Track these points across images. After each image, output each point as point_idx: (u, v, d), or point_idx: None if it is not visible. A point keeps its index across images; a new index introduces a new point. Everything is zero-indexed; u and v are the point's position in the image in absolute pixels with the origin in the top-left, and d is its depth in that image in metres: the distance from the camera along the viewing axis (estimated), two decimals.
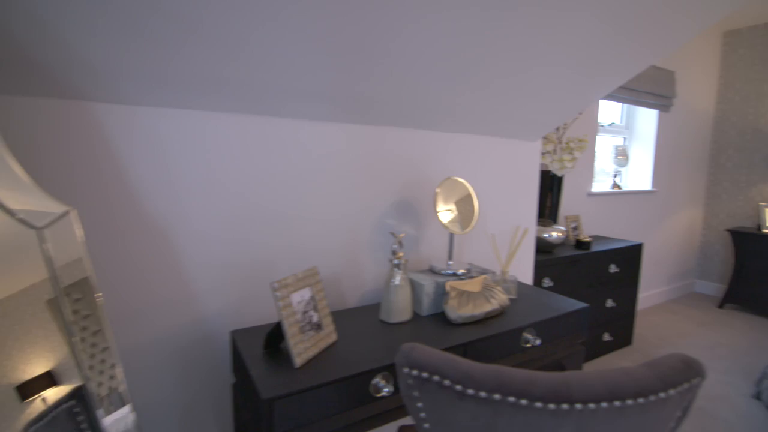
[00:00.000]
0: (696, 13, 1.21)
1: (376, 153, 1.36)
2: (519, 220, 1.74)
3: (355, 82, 1.11)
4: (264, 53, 0.94)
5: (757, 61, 3.74)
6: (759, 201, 3.78)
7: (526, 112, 1.50)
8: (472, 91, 1.29)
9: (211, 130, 1.11)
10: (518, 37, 1.11)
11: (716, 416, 2.07)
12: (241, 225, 1.18)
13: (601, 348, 2.69)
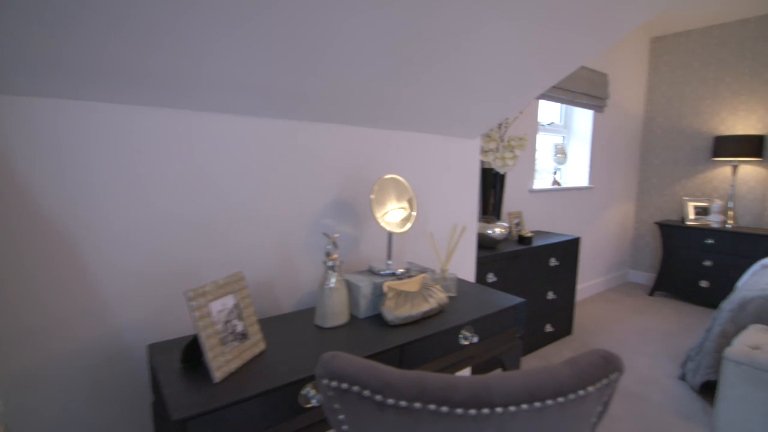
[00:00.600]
0: (622, 15, 1.26)
1: (311, 150, 1.30)
2: (460, 218, 1.75)
3: (288, 75, 1.04)
4: (189, 41, 0.85)
5: (680, 66, 4.04)
6: (683, 195, 4.09)
7: (464, 110, 1.50)
8: (411, 88, 1.26)
9: (124, 125, 1.00)
10: (453, 36, 1.09)
11: (647, 398, 2.20)
12: (160, 229, 1.08)
13: (543, 339, 2.79)
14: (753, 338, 1.90)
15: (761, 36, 3.53)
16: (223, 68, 0.96)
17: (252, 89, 1.06)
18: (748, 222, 3.70)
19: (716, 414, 1.91)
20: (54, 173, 0.93)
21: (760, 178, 3.61)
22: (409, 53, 1.11)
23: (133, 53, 0.85)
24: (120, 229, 1.02)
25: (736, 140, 3.45)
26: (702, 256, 3.62)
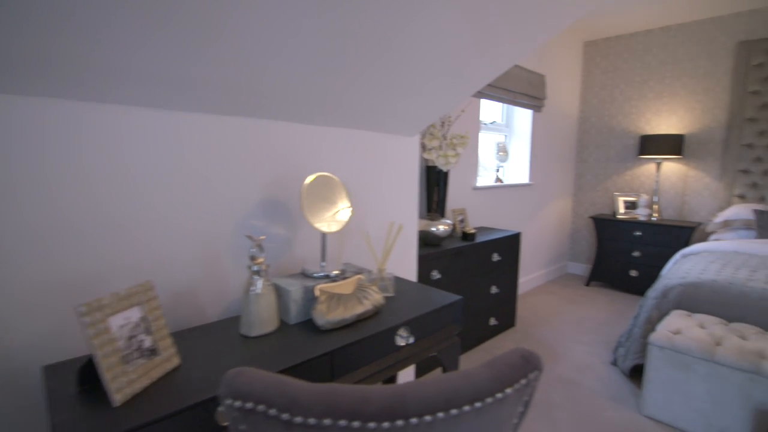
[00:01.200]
0: (549, 16, 1.28)
1: (236, 147, 1.22)
2: (400, 216, 1.72)
3: (204, 65, 0.96)
4: (87, 25, 0.75)
5: (610, 69, 4.29)
6: (614, 191, 4.36)
7: (401, 107, 1.48)
8: (344, 83, 1.21)
9: (15, 117, 0.87)
10: (386, 32, 1.05)
11: (582, 385, 2.31)
12: (59, 236, 0.95)
13: (488, 332, 2.86)
14: (674, 323, 2.04)
15: (680, 42, 3.82)
16: (124, 55, 0.86)
17: (161, 79, 0.97)
18: (671, 215, 4.01)
19: (643, 396, 2.03)
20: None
21: (681, 174, 3.92)
22: (341, 48, 1.06)
23: (29, 41, 0.74)
24: (10, 233, 0.89)
25: (660, 139, 3.72)
26: (631, 247, 3.88)
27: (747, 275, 2.23)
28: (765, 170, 3.41)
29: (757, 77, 3.40)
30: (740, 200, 3.55)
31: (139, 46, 0.85)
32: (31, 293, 0.94)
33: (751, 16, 3.45)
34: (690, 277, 2.27)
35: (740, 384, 1.72)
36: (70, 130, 0.96)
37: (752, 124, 3.45)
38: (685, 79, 3.82)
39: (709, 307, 2.16)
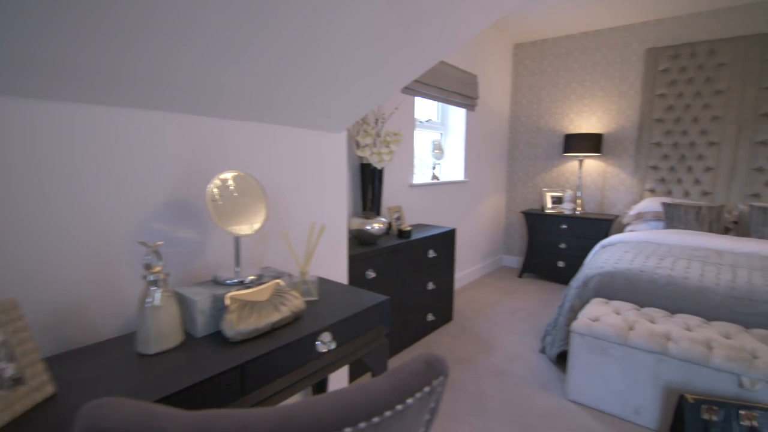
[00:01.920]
0: (471, 14, 1.28)
1: (132, 142, 1.09)
2: (327, 215, 1.66)
3: (94, 48, 0.83)
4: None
5: (537, 72, 4.51)
6: (542, 187, 4.59)
7: (324, 102, 1.42)
8: (259, 75, 1.13)
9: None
10: (305, 23, 0.99)
11: (513, 374, 2.39)
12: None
13: (425, 328, 2.88)
14: (593, 311, 2.17)
15: (597, 48, 4.10)
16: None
17: (34, 64, 0.83)
18: (593, 208, 4.30)
19: (567, 381, 2.14)
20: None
21: (600, 170, 4.21)
22: (257, 39, 0.98)
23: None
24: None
25: (581, 138, 3.97)
26: (558, 240, 4.11)
27: (656, 263, 2.43)
28: (671, 167, 3.76)
29: (664, 81, 3.73)
30: (651, 194, 3.88)
31: (21, 31, 0.72)
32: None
33: (657, 25, 3.77)
34: (607, 267, 2.43)
35: (650, 365, 1.86)
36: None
37: (660, 125, 3.78)
38: (602, 82, 4.11)
39: (625, 294, 2.32)
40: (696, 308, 2.10)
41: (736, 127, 3.43)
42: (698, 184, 3.63)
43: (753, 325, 1.97)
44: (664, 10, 3.57)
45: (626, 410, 1.94)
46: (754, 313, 1.97)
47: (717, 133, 3.52)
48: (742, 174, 3.43)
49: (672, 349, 1.79)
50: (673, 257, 2.54)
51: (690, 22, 3.62)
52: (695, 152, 3.62)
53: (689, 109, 3.62)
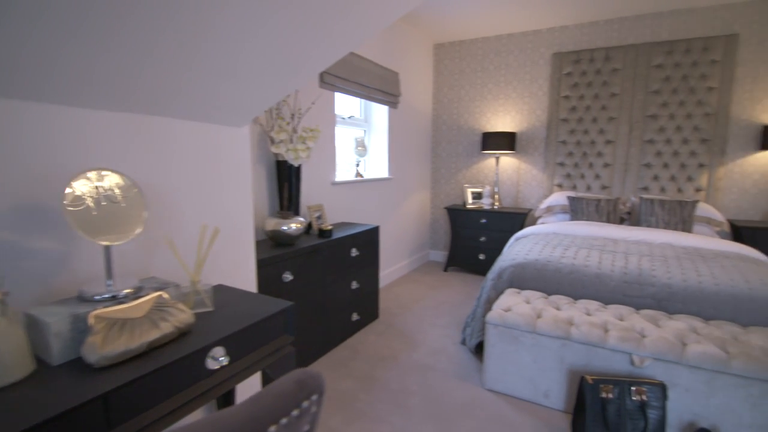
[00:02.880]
0: (377, 5, 1.24)
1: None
2: (229, 217, 1.53)
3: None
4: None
5: (456, 71, 4.65)
6: (464, 183, 4.76)
7: (221, 94, 1.29)
8: (126, 56, 0.98)
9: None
10: (196, 6, 0.86)
11: (436, 368, 2.42)
12: None
13: (351, 328, 2.83)
14: (506, 301, 2.25)
15: (510, 51, 4.31)
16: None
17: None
18: (509, 203, 4.53)
19: (484, 371, 2.20)
20: None
21: (514, 167, 4.45)
22: (135, 19, 0.84)
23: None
24: None
25: (497, 136, 4.16)
26: (479, 234, 4.28)
27: (561, 253, 2.59)
28: (575, 163, 4.07)
29: (568, 84, 4.02)
30: (559, 188, 4.18)
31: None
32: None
33: (561, 32, 4.06)
34: (519, 259, 2.55)
35: (556, 349, 1.97)
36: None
37: (565, 124, 4.08)
38: (515, 84, 4.34)
39: (534, 283, 2.45)
40: (595, 293, 2.27)
41: (628, 127, 3.80)
42: (598, 178, 3.97)
43: (642, 306, 2.17)
44: (567, 18, 3.84)
45: (537, 394, 2.04)
46: (643, 296, 2.17)
47: (613, 133, 3.87)
48: (634, 169, 3.82)
49: (574, 334, 1.91)
50: (576, 247, 2.74)
51: (589, 30, 3.93)
52: (595, 150, 3.96)
53: (589, 110, 3.94)
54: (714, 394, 1.68)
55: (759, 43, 3.36)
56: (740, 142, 3.50)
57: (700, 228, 3.29)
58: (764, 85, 3.38)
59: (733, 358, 1.65)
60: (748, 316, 1.96)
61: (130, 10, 0.85)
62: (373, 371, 2.38)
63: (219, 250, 1.49)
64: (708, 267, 2.31)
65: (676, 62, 3.56)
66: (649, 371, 1.79)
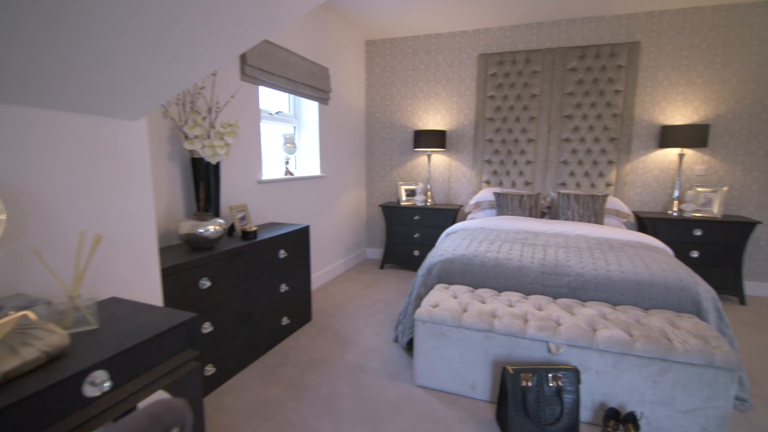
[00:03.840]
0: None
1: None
2: (123, 222, 1.37)
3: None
4: None
5: (388, 69, 4.65)
6: (398, 181, 4.78)
7: (101, 81, 1.14)
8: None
9: None
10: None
11: (368, 368, 2.39)
12: None
13: (281, 332, 2.71)
14: (435, 297, 2.27)
15: (439, 50, 4.39)
16: None
17: None
18: (441, 199, 4.63)
19: (414, 368, 2.20)
20: None
21: (446, 164, 4.56)
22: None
23: None
24: None
25: (428, 134, 4.22)
26: (413, 230, 4.32)
27: (486, 247, 2.68)
28: (501, 160, 4.25)
29: (493, 84, 4.18)
30: (487, 185, 4.34)
31: None
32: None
33: (486, 34, 4.20)
34: (447, 254, 2.59)
35: (480, 342, 2.02)
36: None
37: (491, 123, 4.24)
38: (444, 83, 4.43)
39: (462, 277, 2.50)
40: (517, 285, 2.37)
41: (547, 126, 4.03)
42: (522, 175, 4.18)
43: (559, 295, 2.29)
44: (491, 21, 3.99)
45: (464, 387, 2.08)
46: (559, 285, 2.30)
47: (534, 131, 4.08)
48: (553, 166, 4.06)
49: (497, 326, 1.97)
50: (501, 241, 2.85)
51: (511, 33, 4.11)
52: (519, 148, 4.15)
53: (513, 109, 4.13)
54: (620, 375, 1.81)
55: (657, 51, 3.72)
56: (643, 140, 3.85)
57: (610, 220, 3.57)
58: (662, 89, 3.75)
59: (636, 341, 1.78)
60: (650, 299, 2.15)
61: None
62: (303, 377, 2.29)
63: (113, 259, 1.33)
64: (616, 256, 2.50)
65: (588, 66, 3.83)
66: (565, 357, 1.89)
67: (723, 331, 2.09)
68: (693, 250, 3.47)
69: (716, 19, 3.54)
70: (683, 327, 1.89)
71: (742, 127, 3.59)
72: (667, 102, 3.74)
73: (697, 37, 3.60)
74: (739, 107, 3.58)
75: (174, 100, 2.21)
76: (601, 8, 3.64)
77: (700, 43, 3.60)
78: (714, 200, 3.54)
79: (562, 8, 3.64)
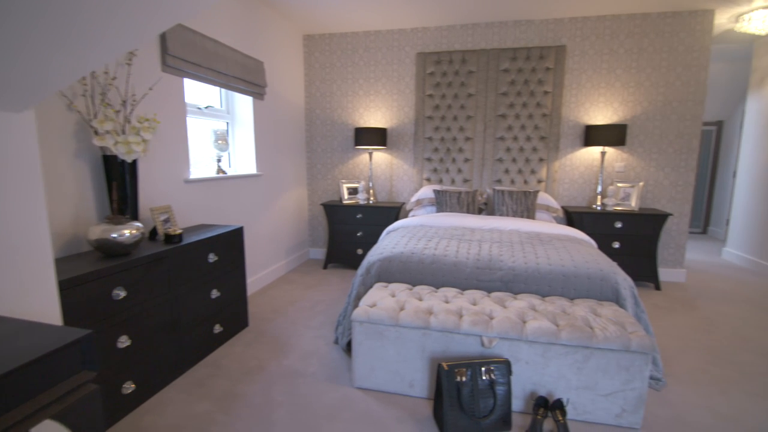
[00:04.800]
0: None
1: None
2: (5, 230, 1.19)
3: None
4: None
5: (327, 65, 4.55)
6: (340, 179, 4.71)
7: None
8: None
9: None
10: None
11: (306, 373, 2.31)
12: None
13: (213, 342, 2.55)
14: (373, 297, 2.24)
15: (378, 48, 4.37)
16: None
17: None
18: (384, 197, 4.63)
19: (353, 370, 2.16)
20: None
21: (387, 162, 4.56)
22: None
23: None
24: None
25: (369, 132, 4.19)
26: (356, 229, 4.28)
27: (424, 244, 2.69)
28: (441, 158, 4.32)
29: (431, 83, 4.23)
30: (428, 182, 4.40)
31: None
32: None
33: (424, 33, 4.24)
34: (386, 252, 2.57)
35: (417, 340, 2.01)
36: None
37: (430, 121, 4.29)
38: (384, 81, 4.42)
39: (401, 275, 2.49)
40: (454, 281, 2.40)
41: (483, 125, 4.15)
42: (460, 172, 4.27)
43: (493, 289, 2.35)
44: (428, 20, 4.03)
45: (403, 386, 2.07)
46: (493, 279, 2.36)
47: (471, 130, 4.19)
48: (489, 164, 4.19)
49: (433, 323, 1.98)
50: (439, 237, 2.88)
51: (448, 33, 4.19)
52: (457, 146, 4.24)
53: (451, 108, 4.21)
54: (548, 364, 1.88)
55: (580, 55, 3.95)
56: (570, 139, 4.08)
57: (541, 214, 3.75)
58: (585, 90, 3.99)
59: (561, 330, 1.86)
60: (575, 289, 2.26)
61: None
62: (236, 387, 2.17)
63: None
64: (545, 249, 2.61)
65: (519, 68, 3.99)
66: (497, 350, 1.93)
67: (639, 316, 2.25)
68: (615, 241, 3.74)
69: (631, 27, 3.82)
70: (604, 315, 2.00)
71: (654, 127, 3.91)
72: (591, 103, 3.99)
73: (615, 43, 3.87)
74: (652, 109, 3.90)
75: (80, 91, 1.99)
76: (531, 12, 3.80)
77: (618, 48, 3.87)
78: (632, 195, 3.83)
79: (495, 11, 3.76)
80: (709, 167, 6.58)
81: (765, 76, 4.50)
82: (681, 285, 3.97)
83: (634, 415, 1.83)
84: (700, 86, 3.78)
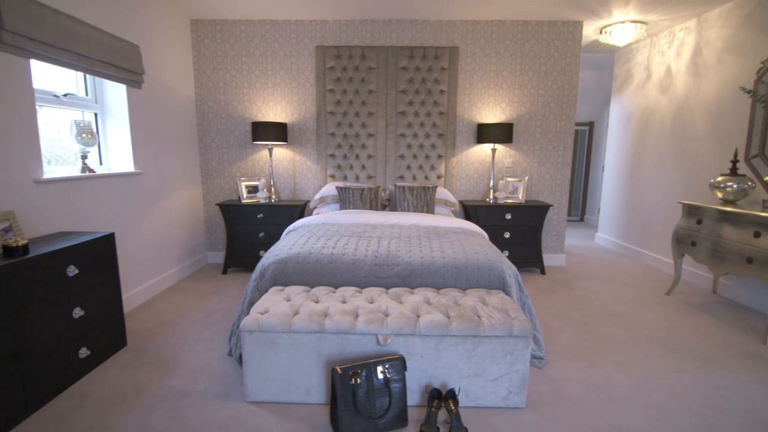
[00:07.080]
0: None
1: None
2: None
3: None
4: None
5: (219, 54, 4.21)
6: (238, 177, 4.41)
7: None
8: None
9: None
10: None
11: (193, 392, 2.08)
12: None
13: (79, 368, 2.20)
14: (266, 303, 2.10)
15: (275, 38, 4.15)
16: None
17: None
18: (287, 195, 4.44)
19: (245, 383, 2.00)
20: None
21: (290, 158, 4.37)
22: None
23: None
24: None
25: (268, 126, 3.97)
26: (257, 230, 4.04)
27: (323, 243, 2.61)
28: (344, 154, 4.26)
29: (331, 78, 4.14)
30: (332, 179, 4.31)
31: None
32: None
33: (323, 25, 4.13)
34: (282, 254, 2.44)
35: (312, 344, 1.93)
36: None
37: (332, 117, 4.21)
38: (282, 73, 4.22)
39: (298, 277, 2.38)
40: (352, 279, 2.36)
41: (384, 122, 4.18)
42: (364, 169, 4.26)
43: (391, 285, 2.36)
44: (326, 13, 3.92)
45: (300, 394, 1.97)
46: (391, 275, 2.36)
47: (373, 127, 4.20)
48: (392, 160, 4.24)
49: (328, 326, 1.91)
50: (339, 235, 2.82)
51: (347, 27, 4.13)
52: (360, 142, 4.22)
53: (352, 104, 4.16)
54: (441, 356, 1.93)
55: (472, 56, 4.16)
56: (465, 137, 4.29)
57: (440, 209, 3.89)
58: (477, 91, 4.22)
59: (452, 321, 1.92)
60: (466, 280, 2.36)
61: None
62: (105, 419, 1.88)
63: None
64: (440, 243, 2.69)
65: (417, 66, 4.09)
66: (393, 347, 1.93)
67: (523, 301, 2.42)
68: (506, 232, 4.02)
69: (515, 32, 4.13)
70: (491, 303, 2.11)
71: (536, 126, 4.28)
72: (482, 103, 4.23)
73: (501, 47, 4.15)
74: (534, 109, 4.25)
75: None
76: (426, 13, 3.90)
77: (504, 51, 4.16)
78: (519, 188, 4.15)
79: (392, 8, 3.79)
80: (584, 162, 7.46)
81: (623, 82, 5.19)
82: (562, 269, 4.42)
83: (518, 395, 1.95)
84: (572, 90, 4.22)
